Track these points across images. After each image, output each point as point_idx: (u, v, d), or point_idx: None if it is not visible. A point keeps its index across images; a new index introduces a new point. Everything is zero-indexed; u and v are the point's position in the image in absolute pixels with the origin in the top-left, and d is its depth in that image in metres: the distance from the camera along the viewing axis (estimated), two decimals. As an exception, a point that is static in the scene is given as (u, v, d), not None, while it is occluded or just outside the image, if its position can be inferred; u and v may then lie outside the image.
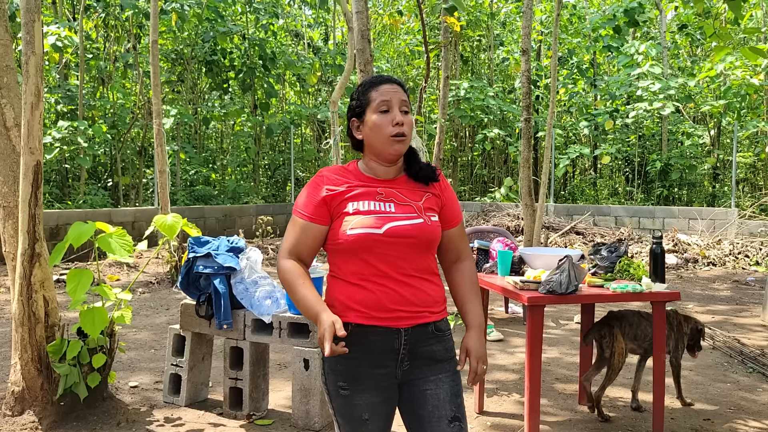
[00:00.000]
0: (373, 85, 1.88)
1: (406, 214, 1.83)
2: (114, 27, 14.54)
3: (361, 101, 1.88)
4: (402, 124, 1.83)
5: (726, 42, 7.01)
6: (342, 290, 1.83)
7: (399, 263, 1.81)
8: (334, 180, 1.87)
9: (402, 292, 1.80)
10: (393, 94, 1.85)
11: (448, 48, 9.15)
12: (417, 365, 1.84)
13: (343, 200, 1.83)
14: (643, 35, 17.67)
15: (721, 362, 4.86)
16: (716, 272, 9.40)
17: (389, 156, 1.86)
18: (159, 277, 8.49)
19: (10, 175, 3.55)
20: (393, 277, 1.80)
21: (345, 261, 1.83)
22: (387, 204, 1.84)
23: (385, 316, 1.79)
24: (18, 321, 3.43)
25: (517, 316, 6.45)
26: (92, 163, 12.95)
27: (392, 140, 1.82)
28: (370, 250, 1.79)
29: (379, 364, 1.81)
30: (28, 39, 3.38)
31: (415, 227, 1.82)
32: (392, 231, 1.79)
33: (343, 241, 1.80)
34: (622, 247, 3.59)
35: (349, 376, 1.80)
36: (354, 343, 1.75)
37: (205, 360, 4.03)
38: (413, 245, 1.82)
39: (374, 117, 1.84)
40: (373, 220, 1.79)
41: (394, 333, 1.80)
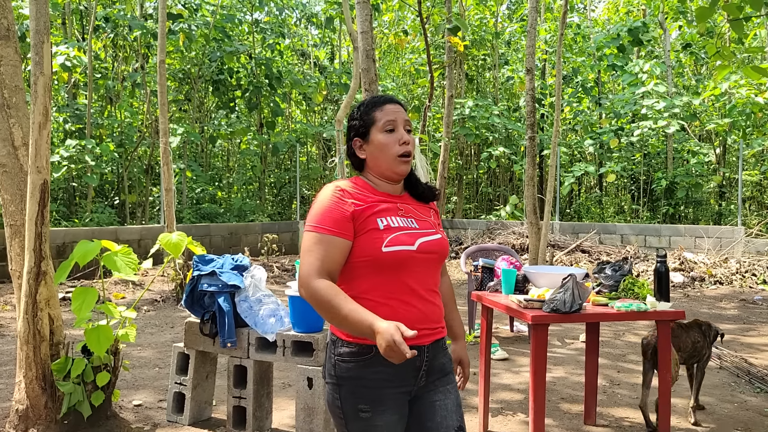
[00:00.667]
0: (376, 105, 1.88)
1: (428, 230, 1.86)
2: (122, 47, 14.71)
3: (364, 121, 1.87)
4: (408, 143, 1.85)
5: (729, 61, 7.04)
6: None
7: (424, 279, 1.83)
8: (356, 195, 1.82)
9: (424, 309, 1.82)
10: (397, 114, 1.86)
11: (452, 67, 9.22)
12: (431, 379, 1.86)
13: (370, 215, 1.79)
14: (648, 54, 17.74)
15: (729, 382, 4.82)
16: (723, 291, 9.34)
17: (395, 175, 1.87)
18: (164, 294, 8.50)
19: (17, 194, 3.59)
20: (418, 294, 1.81)
21: (372, 279, 1.78)
22: (410, 220, 1.85)
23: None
24: (23, 339, 3.44)
25: (522, 335, 6.42)
26: (99, 181, 13.05)
27: (399, 160, 1.84)
28: (404, 266, 1.77)
29: (402, 383, 1.80)
30: (37, 60, 3.43)
31: (438, 242, 1.86)
32: (424, 246, 1.81)
33: (377, 258, 1.75)
34: (627, 265, 3.58)
35: (372, 398, 1.76)
36: (379, 364, 1.74)
37: (209, 378, 4.02)
38: (437, 260, 1.86)
39: (380, 136, 1.84)
40: (407, 236, 1.79)
41: (419, 351, 1.80)
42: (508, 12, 21.11)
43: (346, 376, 1.77)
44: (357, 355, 1.76)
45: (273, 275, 10.25)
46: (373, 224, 1.78)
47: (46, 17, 3.49)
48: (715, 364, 5.27)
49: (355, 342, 1.76)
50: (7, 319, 7.06)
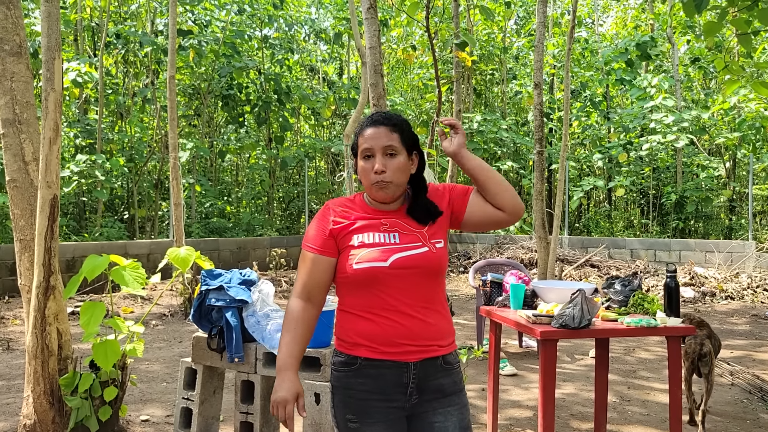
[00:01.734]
0: (362, 129, 1.87)
1: (410, 244, 1.83)
2: (133, 63, 14.86)
3: (354, 144, 1.90)
4: (383, 171, 1.80)
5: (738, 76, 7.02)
6: (351, 324, 1.84)
7: (406, 295, 1.80)
8: (339, 212, 1.88)
9: (409, 325, 1.80)
10: (375, 140, 1.82)
11: (459, 82, 9.25)
12: (426, 398, 1.84)
13: (348, 233, 1.84)
14: (656, 68, 17.74)
15: (741, 399, 4.76)
16: (734, 306, 9.26)
17: (377, 198, 1.87)
18: (172, 309, 8.51)
19: (27, 209, 3.61)
20: (401, 310, 1.79)
21: (352, 294, 1.84)
22: (391, 235, 1.84)
23: (393, 350, 1.80)
24: (31, 353, 3.45)
25: (531, 351, 6.37)
26: (109, 195, 13.13)
27: (374, 187, 1.83)
28: (377, 283, 1.79)
29: (389, 398, 1.81)
30: (48, 76, 3.47)
31: (421, 256, 1.82)
32: (398, 263, 1.79)
33: (349, 275, 1.81)
34: (636, 280, 3.55)
35: (359, 410, 1.80)
36: (364, 376, 1.80)
37: (217, 394, 4.01)
38: (419, 275, 1.82)
39: (360, 163, 1.86)
40: (378, 253, 1.79)
41: (403, 367, 1.80)
42: (516, 27, 21.19)
43: (337, 385, 1.85)
44: (344, 364, 1.83)
45: (281, 290, 10.25)
46: (349, 241, 1.83)
47: (57, 34, 3.53)
48: (727, 381, 5.20)
49: (344, 352, 1.84)
50: (16, 333, 7.08)
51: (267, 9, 15.96)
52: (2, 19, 3.62)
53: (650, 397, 4.83)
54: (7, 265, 9.04)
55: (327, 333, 3.57)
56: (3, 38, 3.62)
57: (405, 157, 1.85)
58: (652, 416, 4.34)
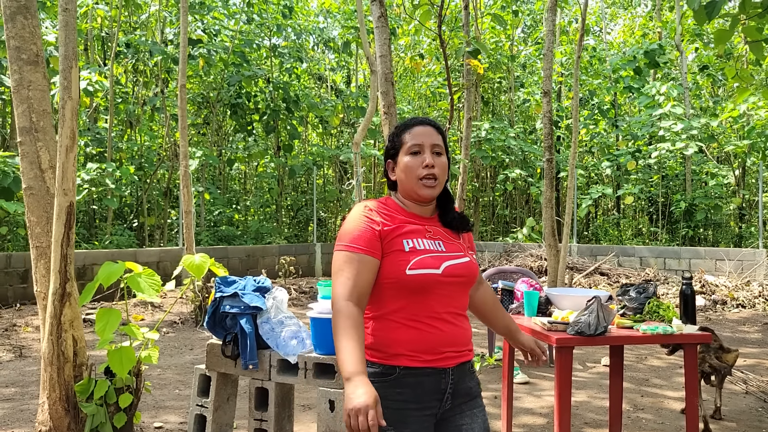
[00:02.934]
0: (407, 127, 1.88)
1: (455, 253, 1.84)
2: (143, 72, 14.96)
3: (395, 143, 1.89)
4: (433, 167, 1.82)
5: (748, 83, 7.01)
6: (390, 333, 1.79)
7: (450, 302, 1.82)
8: (384, 214, 1.83)
9: (450, 332, 1.81)
10: (425, 137, 1.85)
11: (470, 90, 9.27)
12: (457, 403, 1.85)
13: (396, 236, 1.79)
14: (664, 76, 17.72)
15: (755, 407, 4.73)
16: (745, 314, 9.20)
17: (420, 198, 1.85)
18: (183, 316, 8.53)
19: (43, 216, 3.64)
20: (443, 318, 1.80)
21: (396, 301, 1.78)
22: (437, 242, 1.84)
23: (434, 358, 1.79)
24: (47, 360, 3.46)
25: (542, 359, 6.34)
26: (119, 204, 13.20)
27: (421, 183, 1.82)
28: (429, 290, 1.77)
29: (426, 405, 1.79)
30: (66, 84, 3.50)
31: (466, 266, 1.85)
32: (449, 270, 1.80)
33: (401, 280, 1.75)
34: (651, 288, 3.54)
35: (395, 419, 1.75)
36: (402, 386, 1.76)
37: (230, 401, 4.01)
38: (463, 284, 1.84)
39: (406, 159, 1.85)
40: (432, 260, 1.78)
41: (442, 373, 1.80)
42: (524, 35, 21.23)
43: None
44: (381, 375, 1.77)
45: (291, 297, 10.26)
46: (398, 245, 1.77)
47: (74, 43, 3.57)
48: (741, 389, 5.17)
49: (380, 363, 1.78)
50: (29, 340, 7.11)
51: (276, 18, 16.06)
52: (20, 29, 3.66)
53: (664, 405, 4.80)
54: (18, 273, 9.09)
55: (341, 340, 3.56)
56: (21, 47, 3.66)
57: (446, 160, 1.89)
58: (666, 424, 4.32)
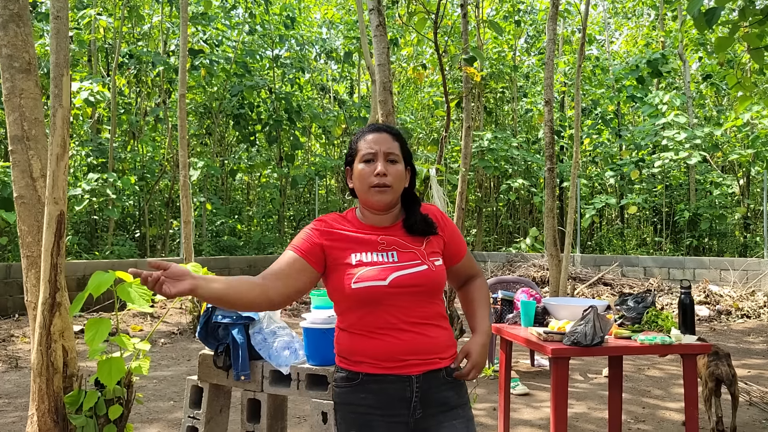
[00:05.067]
0: (362, 134, 1.87)
1: (409, 262, 1.80)
2: (145, 83, 15.00)
3: (351, 150, 1.88)
4: (384, 175, 1.80)
5: (750, 92, 6.96)
6: (351, 343, 1.82)
7: (405, 313, 1.78)
8: (335, 226, 1.86)
9: (410, 341, 1.77)
10: (379, 144, 1.82)
11: (469, 99, 9.24)
12: (431, 413, 1.80)
13: (343, 249, 1.81)
14: (667, 85, 17.68)
15: (759, 419, 4.64)
16: (750, 325, 9.10)
17: (373, 205, 1.83)
18: (181, 327, 8.48)
19: (34, 225, 3.60)
20: (400, 328, 1.77)
21: (351, 313, 1.81)
22: (389, 253, 1.81)
23: (395, 365, 1.77)
24: (36, 371, 3.41)
25: (543, 369, 6.27)
26: (120, 214, 13.19)
27: (373, 190, 1.80)
28: (377, 302, 1.76)
29: (392, 413, 1.78)
30: (56, 92, 3.48)
31: (420, 275, 1.79)
32: (397, 281, 1.77)
33: (348, 294, 1.77)
34: (650, 297, 3.48)
35: (361, 424, 1.77)
36: (366, 391, 1.77)
37: (223, 412, 3.95)
38: (419, 293, 1.79)
39: (360, 166, 1.83)
40: (377, 272, 1.76)
41: (405, 380, 1.77)
42: (526, 45, 21.24)
43: (339, 402, 1.83)
44: (346, 380, 1.81)
45: (290, 308, 10.20)
46: (347, 258, 1.79)
47: (66, 51, 3.54)
48: (744, 400, 5.08)
49: (346, 368, 1.81)
50: (24, 351, 7.08)
51: (278, 29, 16.11)
52: (12, 37, 3.64)
53: (664, 416, 4.72)
54: (18, 284, 9.06)
55: (333, 351, 3.51)
56: (13, 55, 3.64)
57: (403, 167, 1.85)
58: (667, 437, 4.24)
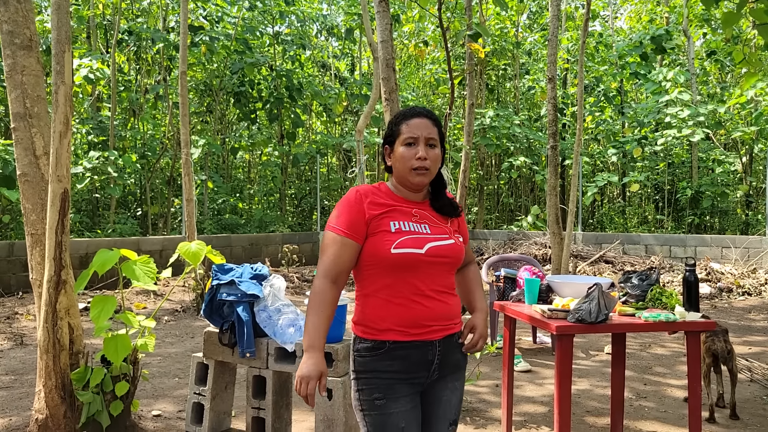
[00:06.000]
0: (405, 118, 1.99)
1: (440, 235, 1.96)
2: (145, 60, 14.89)
3: (393, 131, 2.00)
4: (425, 159, 1.94)
5: (756, 68, 6.90)
6: (378, 310, 1.92)
7: (434, 281, 1.93)
8: (374, 198, 1.96)
9: (435, 308, 1.93)
10: (421, 129, 1.95)
11: (472, 75, 9.17)
12: (443, 374, 1.98)
13: (382, 218, 1.92)
14: (671, 62, 17.54)
15: (760, 395, 4.67)
16: (752, 302, 9.13)
17: (411, 185, 1.98)
18: (185, 305, 8.52)
19: (38, 203, 3.60)
20: (428, 295, 1.91)
21: (382, 279, 1.91)
22: (423, 225, 1.96)
23: (420, 331, 1.91)
24: (43, 348, 3.44)
25: (545, 347, 6.31)
26: (122, 192, 13.17)
27: (414, 173, 1.95)
28: (412, 269, 1.89)
29: (414, 375, 1.92)
30: (58, 69, 3.45)
31: (450, 247, 1.96)
32: (432, 251, 1.92)
33: (386, 259, 1.88)
34: (654, 275, 3.48)
35: (385, 388, 1.89)
36: (391, 358, 1.90)
37: (228, 389, 3.99)
38: (447, 264, 1.96)
39: (401, 149, 1.96)
40: (415, 240, 1.90)
41: (429, 345, 1.93)
42: (529, 22, 21.04)
43: (362, 370, 1.92)
44: (372, 350, 1.91)
45: (293, 285, 10.24)
46: (385, 226, 1.91)
47: (67, 27, 3.51)
48: (745, 377, 5.11)
49: (372, 339, 1.92)
50: (29, 328, 7.11)
51: (279, 5, 15.94)
52: (13, 13, 3.61)
53: (666, 393, 4.76)
54: (21, 261, 9.09)
55: (339, 328, 3.53)
56: (14, 32, 3.61)
57: (440, 151, 2.00)
58: (669, 413, 4.27)
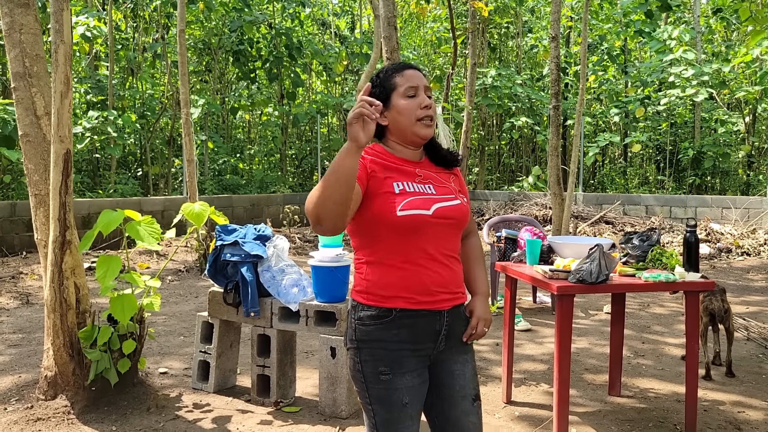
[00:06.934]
0: (396, 71, 1.88)
1: (446, 196, 1.86)
2: (143, 17, 14.66)
3: (385, 87, 1.86)
4: (429, 107, 1.85)
5: (763, 25, 6.80)
6: (383, 276, 1.80)
7: (441, 244, 1.82)
8: (373, 157, 1.84)
9: (443, 273, 1.82)
10: (418, 80, 1.86)
11: (475, 35, 9.05)
12: (450, 345, 1.87)
13: (386, 177, 1.80)
14: (676, 20, 17.27)
15: (756, 353, 4.75)
16: (751, 262, 9.19)
17: (417, 140, 1.86)
18: (188, 265, 8.58)
19: (41, 164, 3.60)
20: (435, 258, 1.81)
21: (389, 243, 1.79)
22: (427, 185, 1.85)
23: (429, 299, 1.80)
24: (50, 307, 3.48)
25: (545, 306, 6.38)
26: (122, 152, 13.12)
27: (421, 124, 1.84)
28: (419, 231, 1.78)
29: (421, 346, 1.82)
30: (57, 28, 3.41)
31: (456, 208, 1.86)
32: (440, 212, 1.81)
33: (392, 222, 1.76)
34: (655, 235, 3.51)
35: (391, 360, 1.78)
36: (398, 327, 1.79)
37: (233, 347, 4.05)
38: (454, 226, 1.85)
39: (402, 102, 1.84)
40: (422, 201, 1.79)
41: (437, 315, 1.82)
42: (532, -22, 20.64)
43: (366, 339, 1.80)
44: (376, 318, 1.79)
45: (294, 246, 10.29)
46: (388, 187, 1.78)
47: (65, -15, 3.45)
48: (742, 336, 5.19)
49: (376, 305, 1.79)
50: (35, 288, 7.19)
51: (277, -39, 15.64)
52: (9, -30, 3.54)
53: (664, 351, 4.83)
54: (24, 221, 9.12)
55: (342, 288, 3.57)
56: (10, -11, 3.55)
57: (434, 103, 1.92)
58: (666, 371, 4.35)
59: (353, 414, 3.49)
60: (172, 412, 3.59)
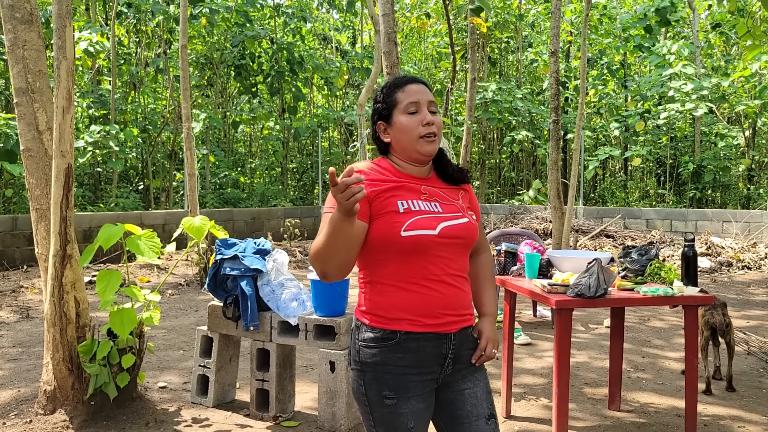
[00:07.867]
0: (398, 86, 1.82)
1: (452, 214, 1.79)
2: (145, 32, 14.77)
3: (387, 103, 1.82)
4: (432, 124, 1.79)
5: (760, 41, 6.84)
6: (387, 297, 1.74)
7: (449, 264, 1.76)
8: (375, 176, 1.77)
9: (450, 294, 1.76)
10: (420, 95, 1.80)
11: (474, 49, 9.11)
12: (458, 368, 1.82)
13: (390, 197, 1.74)
14: (676, 35, 17.37)
15: (757, 368, 4.74)
16: (752, 276, 9.18)
17: (420, 157, 1.80)
18: (188, 278, 8.59)
19: (42, 178, 3.62)
20: (442, 279, 1.75)
21: (392, 263, 1.73)
22: (433, 203, 1.78)
23: (435, 322, 1.74)
24: (50, 321, 3.49)
25: (545, 320, 6.37)
26: (124, 166, 13.17)
27: (423, 141, 1.78)
28: (425, 251, 1.72)
29: (426, 371, 1.76)
30: (60, 44, 3.44)
31: (464, 227, 1.79)
32: (446, 231, 1.74)
33: (396, 242, 1.70)
34: (653, 250, 3.51)
35: (396, 385, 1.73)
36: (403, 351, 1.73)
37: (233, 361, 4.05)
38: (461, 245, 1.79)
39: (403, 118, 1.79)
40: (427, 221, 1.72)
41: (443, 338, 1.76)
42: (532, -7, 20.78)
43: (370, 362, 1.74)
44: (381, 340, 1.73)
45: (295, 260, 10.30)
46: (393, 206, 1.72)
47: (68, 1, 3.49)
48: (743, 350, 5.18)
49: (380, 327, 1.73)
50: (35, 301, 7.19)
51: (279, -24, 15.76)
52: (13, -13, 3.59)
53: (664, 365, 4.82)
54: (25, 235, 9.14)
55: (341, 302, 3.58)
56: (14, 5, 3.60)
57: (440, 118, 1.85)
58: (666, 385, 4.34)
59: (352, 429, 3.49)
60: (170, 426, 3.59)
